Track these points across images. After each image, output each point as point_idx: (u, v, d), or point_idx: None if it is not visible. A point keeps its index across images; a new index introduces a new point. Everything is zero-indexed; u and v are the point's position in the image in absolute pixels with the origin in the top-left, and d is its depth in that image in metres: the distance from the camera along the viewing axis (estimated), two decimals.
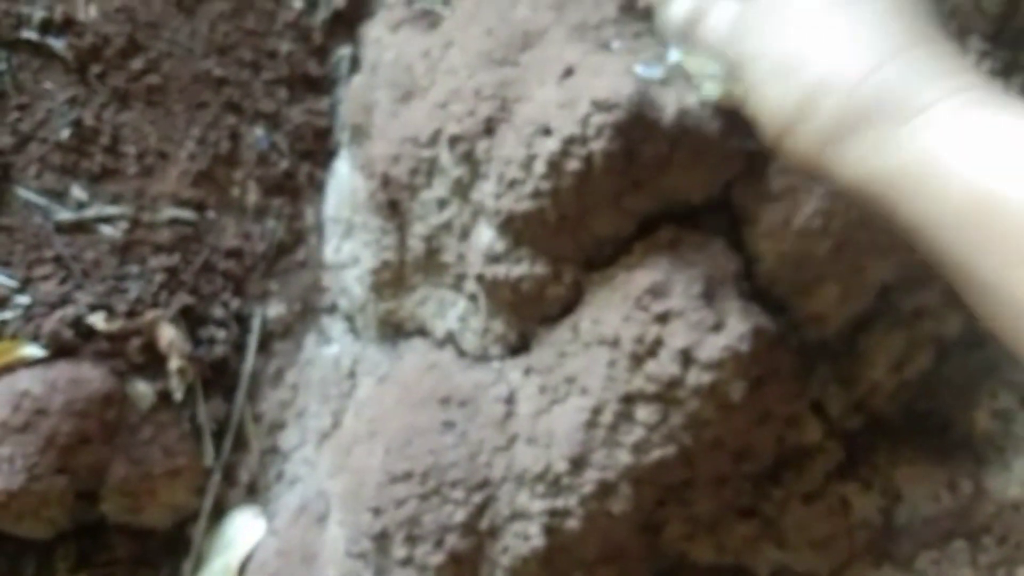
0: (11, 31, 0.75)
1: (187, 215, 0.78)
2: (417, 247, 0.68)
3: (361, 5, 0.81)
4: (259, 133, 0.81)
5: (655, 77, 0.57)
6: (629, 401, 0.56)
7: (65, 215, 0.75)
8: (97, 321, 0.73)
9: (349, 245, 0.77)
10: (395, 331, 0.74)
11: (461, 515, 0.60)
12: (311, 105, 0.82)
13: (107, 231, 0.76)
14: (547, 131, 0.55)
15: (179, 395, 0.75)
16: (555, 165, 0.55)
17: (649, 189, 0.57)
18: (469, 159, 0.61)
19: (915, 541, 0.65)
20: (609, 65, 0.56)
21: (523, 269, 0.60)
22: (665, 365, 0.55)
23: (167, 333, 0.75)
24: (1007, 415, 0.65)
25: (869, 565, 0.66)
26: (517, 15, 0.62)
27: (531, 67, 0.60)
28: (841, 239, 0.58)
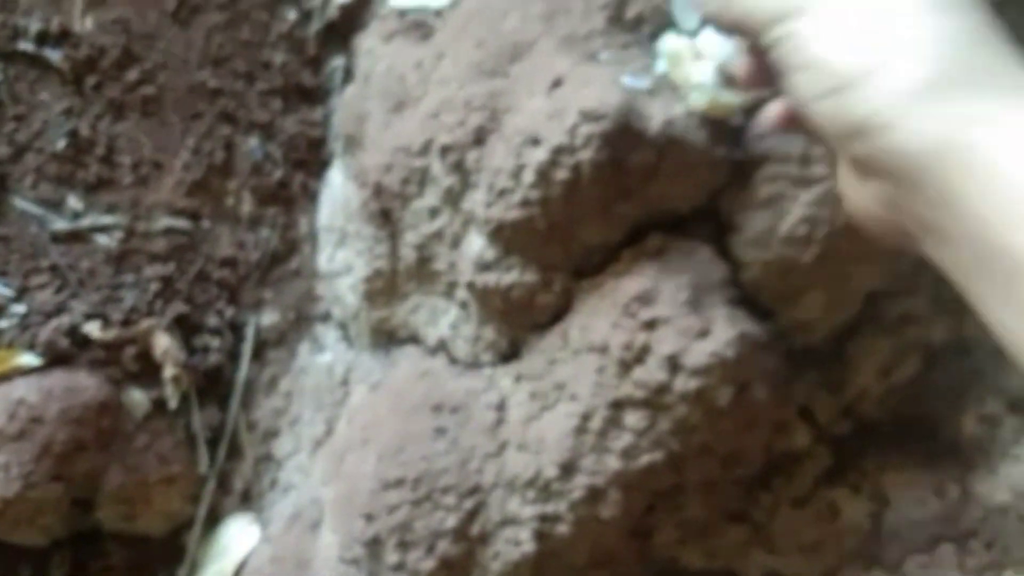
0: (7, 43, 0.75)
1: (182, 224, 0.79)
2: (409, 255, 0.68)
3: (355, 16, 0.81)
4: (253, 143, 0.81)
5: (642, 87, 0.57)
6: (618, 407, 0.57)
7: (61, 225, 0.76)
8: (92, 330, 0.74)
9: (342, 254, 0.78)
10: (388, 339, 0.74)
11: (452, 521, 0.61)
12: (305, 115, 0.83)
13: (102, 240, 0.77)
14: (536, 141, 0.56)
15: (174, 403, 0.76)
16: (544, 174, 0.56)
17: (637, 198, 0.57)
18: (460, 168, 0.62)
19: (903, 545, 0.65)
20: (597, 76, 0.57)
21: (513, 277, 0.61)
22: (653, 371, 0.55)
23: (162, 341, 0.75)
24: (994, 420, 0.65)
25: (858, 569, 0.66)
26: (507, 26, 0.63)
27: (521, 78, 0.61)
28: (827, 247, 0.58)
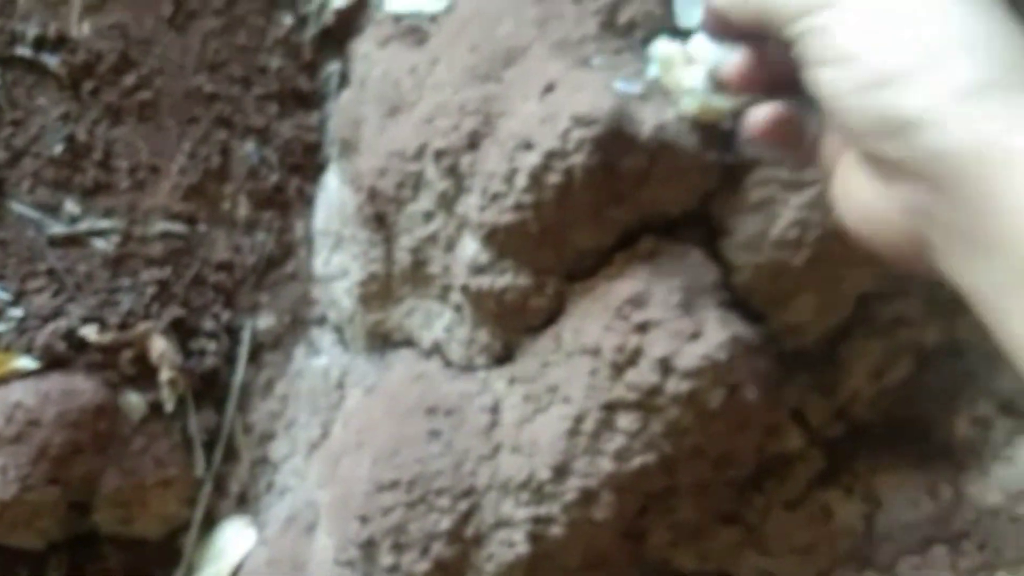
0: (5, 48, 0.76)
1: (178, 229, 0.79)
2: (404, 259, 0.68)
3: (350, 21, 0.82)
4: (249, 148, 0.82)
5: (634, 92, 0.58)
6: (610, 409, 0.57)
7: (58, 229, 0.76)
8: (89, 333, 0.74)
9: (338, 257, 0.78)
10: (383, 342, 0.75)
11: (447, 523, 0.61)
12: (301, 120, 0.83)
13: (99, 245, 0.77)
14: (529, 145, 0.56)
15: (170, 406, 0.76)
16: (536, 179, 0.56)
17: (628, 202, 0.58)
18: (454, 173, 0.62)
19: (896, 547, 0.66)
20: (589, 81, 0.57)
21: (507, 280, 0.61)
22: (645, 374, 0.56)
23: (158, 345, 0.76)
24: (986, 422, 0.65)
25: (851, 571, 0.66)
26: (501, 32, 0.63)
27: (514, 83, 0.61)
28: (818, 250, 0.58)
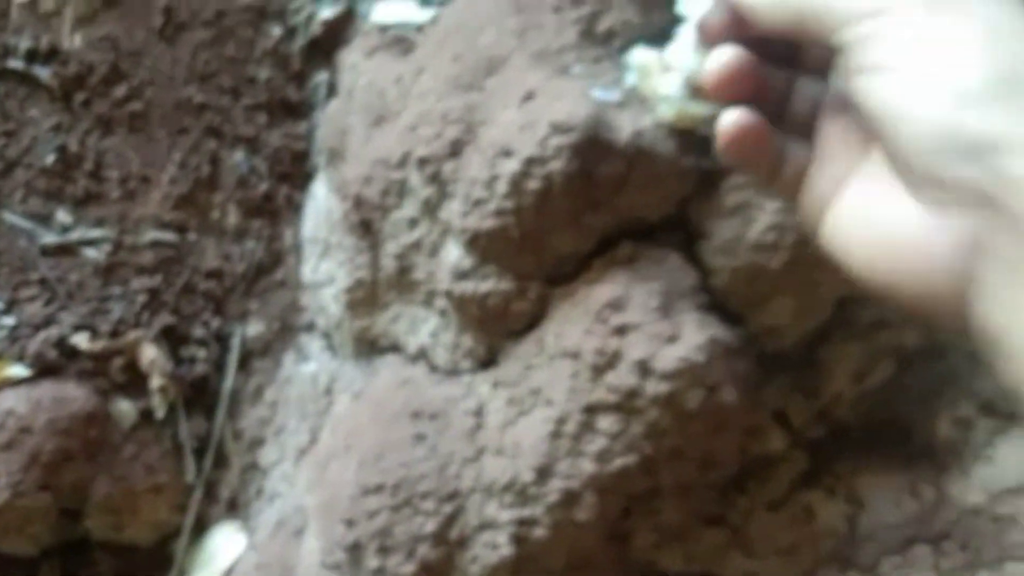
0: None
1: (169, 237, 0.80)
2: (389, 265, 0.69)
3: (338, 32, 0.83)
4: (239, 157, 0.83)
5: (612, 100, 0.59)
6: (591, 412, 0.58)
7: (50, 238, 0.77)
8: (81, 341, 0.75)
9: (326, 265, 0.79)
10: (370, 348, 0.76)
11: (431, 526, 0.62)
12: (289, 129, 0.84)
13: (91, 254, 0.78)
14: (508, 153, 0.57)
15: (161, 413, 0.77)
16: (516, 185, 0.57)
17: (607, 207, 0.59)
18: (437, 180, 0.63)
19: (878, 547, 0.66)
20: (568, 89, 0.58)
21: (489, 285, 0.62)
22: (624, 376, 0.56)
23: (149, 352, 0.76)
24: (967, 423, 0.66)
25: (834, 571, 0.67)
26: (483, 41, 0.64)
27: (495, 91, 0.62)
28: (795, 254, 0.59)
